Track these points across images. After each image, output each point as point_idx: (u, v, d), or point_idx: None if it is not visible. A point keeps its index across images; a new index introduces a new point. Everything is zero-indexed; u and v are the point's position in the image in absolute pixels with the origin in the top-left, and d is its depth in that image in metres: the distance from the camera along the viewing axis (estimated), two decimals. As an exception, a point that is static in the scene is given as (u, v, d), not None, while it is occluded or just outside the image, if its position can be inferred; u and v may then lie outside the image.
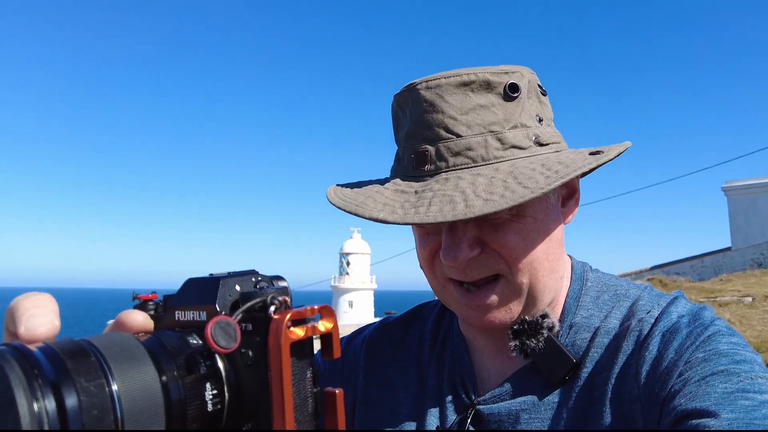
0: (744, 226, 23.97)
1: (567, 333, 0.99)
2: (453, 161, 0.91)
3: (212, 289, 0.60)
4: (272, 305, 0.57)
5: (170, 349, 0.56)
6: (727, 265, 22.32)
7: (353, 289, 43.85)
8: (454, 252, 0.91)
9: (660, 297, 0.99)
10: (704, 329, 0.88)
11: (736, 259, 22.57)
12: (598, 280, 1.06)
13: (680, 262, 24.36)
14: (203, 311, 0.60)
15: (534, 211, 0.93)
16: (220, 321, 0.54)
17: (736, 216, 24.46)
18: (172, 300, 0.64)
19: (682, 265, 23.89)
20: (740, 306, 12.15)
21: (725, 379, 0.78)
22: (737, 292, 13.47)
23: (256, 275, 0.64)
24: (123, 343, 0.54)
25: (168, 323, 0.63)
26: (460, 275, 0.94)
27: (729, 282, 15.71)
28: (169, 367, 0.54)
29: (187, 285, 0.64)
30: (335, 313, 0.60)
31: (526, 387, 0.98)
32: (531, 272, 0.93)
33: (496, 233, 0.91)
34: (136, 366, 0.52)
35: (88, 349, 0.51)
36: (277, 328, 0.55)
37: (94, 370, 0.49)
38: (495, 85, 0.93)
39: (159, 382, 0.53)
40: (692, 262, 24.01)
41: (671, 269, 23.32)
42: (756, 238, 23.03)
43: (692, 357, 0.84)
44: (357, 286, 43.98)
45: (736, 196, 24.70)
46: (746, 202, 24.29)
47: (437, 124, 0.92)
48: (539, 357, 0.96)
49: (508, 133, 0.91)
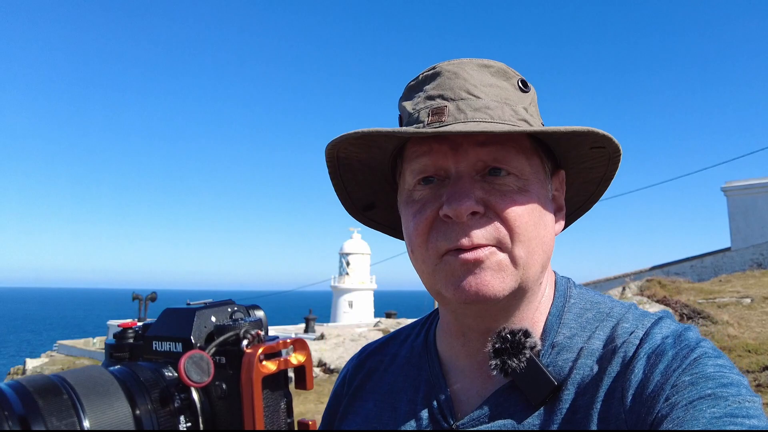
0: (743, 226, 23.97)
1: (549, 352, 0.97)
2: (472, 115, 0.92)
3: (188, 321, 0.61)
4: (245, 339, 0.58)
5: (144, 382, 0.57)
6: (727, 265, 22.33)
7: (353, 290, 43.85)
8: (460, 199, 0.88)
9: (644, 317, 0.97)
10: (690, 351, 0.86)
11: (735, 259, 22.58)
12: (581, 297, 1.03)
13: (680, 263, 24.37)
14: (179, 342, 0.61)
15: (537, 190, 0.94)
16: (194, 355, 0.54)
17: (735, 216, 24.46)
18: (150, 329, 0.65)
19: (681, 266, 23.90)
20: (739, 307, 12.13)
21: (713, 404, 0.77)
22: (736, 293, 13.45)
23: (233, 305, 0.65)
24: (96, 378, 0.55)
25: (146, 353, 0.64)
26: (460, 235, 0.90)
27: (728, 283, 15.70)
28: (142, 400, 0.55)
29: (164, 315, 0.65)
30: (308, 347, 0.60)
31: (505, 408, 0.95)
32: (528, 248, 0.92)
33: (503, 197, 0.91)
34: (108, 402, 0.53)
35: (60, 386, 0.51)
36: (249, 362, 0.56)
37: (65, 408, 0.50)
38: (510, 76, 0.98)
39: (132, 416, 0.54)
40: (692, 263, 24.02)
41: (671, 269, 23.32)
42: (755, 238, 23.03)
43: (679, 380, 0.82)
44: (357, 286, 43.99)
45: (735, 197, 24.70)
46: (746, 202, 24.29)
47: (459, 87, 0.94)
48: (520, 377, 0.93)
49: (521, 110, 0.95)
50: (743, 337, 9.67)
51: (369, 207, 1.13)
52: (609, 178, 1.06)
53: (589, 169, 1.04)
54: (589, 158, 1.01)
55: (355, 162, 1.05)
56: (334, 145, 0.97)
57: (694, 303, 11.99)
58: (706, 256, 24.26)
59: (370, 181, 1.10)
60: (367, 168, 1.07)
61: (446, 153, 0.92)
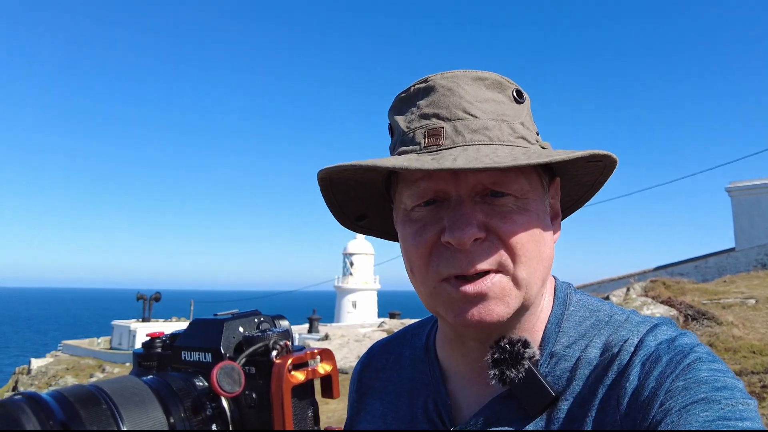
0: (748, 226, 23.93)
1: (547, 362, 0.97)
2: (470, 137, 0.90)
3: (217, 331, 0.63)
4: (274, 350, 0.60)
5: (177, 392, 0.59)
6: (731, 265, 22.26)
7: (357, 290, 43.85)
8: (463, 227, 0.87)
9: (641, 324, 0.97)
10: (684, 356, 0.87)
11: (740, 259, 22.52)
12: (580, 305, 1.03)
13: (684, 263, 24.32)
14: (208, 353, 0.63)
15: (537, 208, 0.93)
16: (225, 366, 0.56)
17: (740, 216, 24.43)
18: (178, 339, 0.67)
19: (685, 266, 23.85)
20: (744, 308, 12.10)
21: (706, 408, 0.78)
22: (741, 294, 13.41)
23: (259, 316, 0.67)
24: (132, 389, 0.57)
25: (174, 362, 0.66)
26: (462, 262, 0.89)
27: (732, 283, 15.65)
28: (176, 409, 0.57)
29: (192, 326, 0.67)
30: (334, 357, 0.62)
31: (503, 416, 0.96)
32: (529, 268, 0.91)
33: (504, 220, 0.90)
34: (144, 410, 0.55)
35: (98, 396, 0.53)
36: (279, 373, 0.58)
37: (105, 417, 0.52)
38: (505, 87, 0.96)
39: (167, 424, 0.56)
40: (696, 263, 23.96)
41: (675, 270, 23.27)
42: (760, 238, 22.99)
43: (673, 386, 0.83)
44: (361, 286, 43.98)
45: (740, 197, 24.65)
46: (750, 202, 24.24)
47: (455, 105, 0.92)
48: (518, 388, 0.94)
49: (518, 126, 0.94)
50: (748, 338, 9.65)
51: (361, 217, 1.12)
52: (600, 182, 1.06)
53: (583, 175, 1.04)
54: (584, 167, 1.01)
55: (349, 180, 1.04)
56: (328, 172, 0.95)
57: (699, 304, 11.95)
58: (710, 256, 24.21)
59: (363, 196, 1.09)
60: (360, 185, 1.05)
61: (447, 178, 0.91)
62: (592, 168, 1.02)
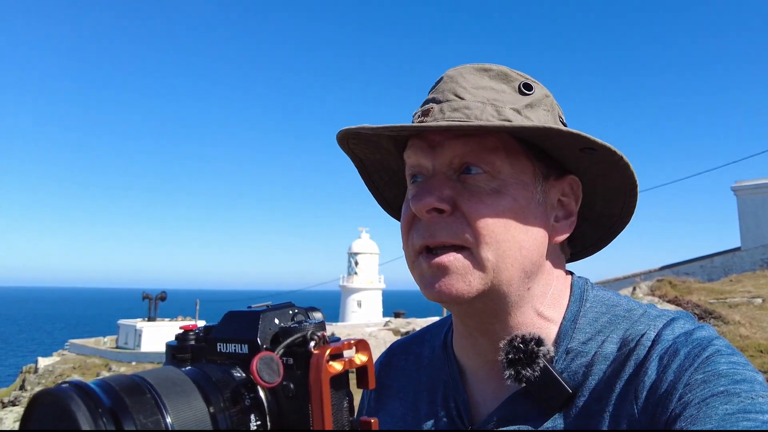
0: (754, 225, 23.82)
1: (563, 358, 0.96)
2: (449, 115, 0.93)
3: (253, 323, 0.64)
4: (312, 340, 0.60)
5: (216, 382, 0.60)
6: (737, 265, 22.18)
7: (362, 289, 43.92)
8: (423, 196, 0.91)
9: (658, 318, 0.96)
10: (702, 350, 0.86)
11: (745, 259, 22.43)
12: (597, 300, 1.02)
13: (689, 263, 24.24)
14: (245, 344, 0.63)
15: (516, 193, 0.93)
16: (264, 357, 0.57)
17: (745, 216, 24.31)
18: (214, 331, 0.68)
19: (691, 266, 23.76)
20: (750, 307, 12.07)
21: (726, 401, 0.78)
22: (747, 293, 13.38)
23: (293, 308, 0.68)
24: (174, 379, 0.57)
25: (209, 355, 0.67)
26: (425, 233, 0.93)
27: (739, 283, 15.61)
28: (216, 399, 0.58)
29: (227, 318, 0.67)
30: (370, 347, 0.63)
31: (520, 413, 0.96)
32: (497, 251, 0.91)
33: (470, 197, 0.91)
34: (186, 400, 0.56)
35: (142, 386, 0.54)
36: (318, 363, 0.58)
37: (150, 406, 0.53)
38: (512, 79, 0.98)
39: (208, 414, 0.56)
40: (702, 263, 23.88)
41: (680, 269, 23.19)
42: (766, 237, 22.87)
43: (691, 379, 0.82)
44: (365, 285, 44.06)
45: (745, 196, 24.55)
46: (756, 201, 24.14)
47: (449, 90, 0.96)
48: (534, 386, 0.94)
49: (508, 111, 0.94)
50: (755, 337, 9.63)
51: None
52: (628, 211, 1.06)
53: (603, 176, 1.01)
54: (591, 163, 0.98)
55: (377, 164, 1.12)
56: (341, 141, 1.04)
57: (705, 303, 11.94)
58: (715, 255, 24.11)
59: (396, 182, 1.15)
60: (390, 170, 1.13)
61: (425, 150, 0.95)
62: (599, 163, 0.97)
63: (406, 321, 24.59)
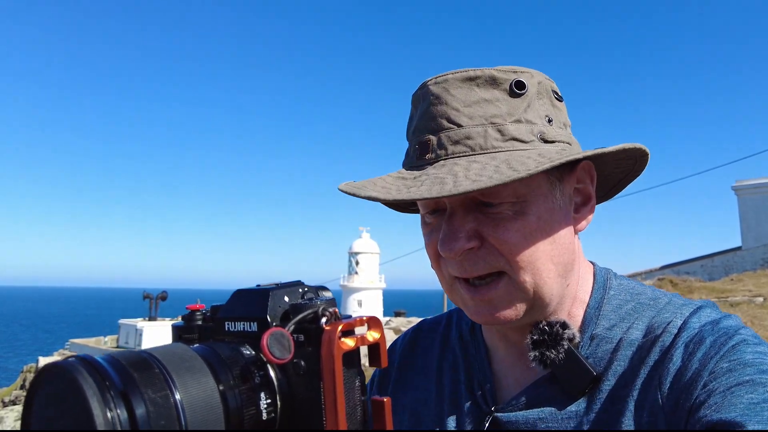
0: (754, 225, 23.83)
1: (588, 344, 0.98)
2: (452, 149, 0.91)
3: (262, 301, 0.62)
4: (323, 317, 0.59)
5: (225, 360, 0.58)
6: (738, 264, 22.19)
7: (362, 289, 43.87)
8: (450, 242, 0.91)
9: (684, 306, 0.97)
10: (728, 339, 0.86)
11: (746, 258, 22.45)
12: (621, 288, 1.03)
13: (690, 262, 24.25)
14: (254, 322, 0.62)
15: (538, 209, 0.92)
16: (275, 332, 0.56)
17: (746, 215, 24.32)
18: (221, 311, 0.66)
19: (692, 265, 23.78)
20: (751, 306, 12.07)
21: (751, 390, 0.78)
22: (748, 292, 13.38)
23: (303, 286, 0.66)
24: (182, 355, 0.56)
25: (217, 334, 0.65)
26: (459, 269, 0.93)
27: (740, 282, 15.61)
28: (225, 377, 0.57)
29: (236, 296, 0.66)
30: (382, 324, 0.61)
31: (545, 397, 0.97)
32: (534, 272, 0.92)
33: (496, 228, 0.91)
34: (196, 377, 0.54)
35: (150, 361, 0.53)
36: (330, 339, 0.57)
37: (158, 381, 0.51)
38: (501, 82, 0.94)
39: (217, 391, 0.55)
40: (702, 262, 23.90)
41: (681, 269, 23.20)
42: (767, 237, 22.87)
43: (717, 367, 0.83)
44: (366, 285, 44.01)
45: (746, 195, 24.55)
46: (757, 201, 24.14)
47: (440, 115, 0.93)
48: (559, 369, 0.95)
49: (510, 126, 0.91)
50: (757, 336, 9.61)
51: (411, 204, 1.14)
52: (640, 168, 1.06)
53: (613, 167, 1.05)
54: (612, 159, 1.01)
55: None
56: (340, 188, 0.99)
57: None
58: (716, 255, 24.13)
59: None
60: None
61: None
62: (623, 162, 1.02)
63: (406, 320, 24.62)
